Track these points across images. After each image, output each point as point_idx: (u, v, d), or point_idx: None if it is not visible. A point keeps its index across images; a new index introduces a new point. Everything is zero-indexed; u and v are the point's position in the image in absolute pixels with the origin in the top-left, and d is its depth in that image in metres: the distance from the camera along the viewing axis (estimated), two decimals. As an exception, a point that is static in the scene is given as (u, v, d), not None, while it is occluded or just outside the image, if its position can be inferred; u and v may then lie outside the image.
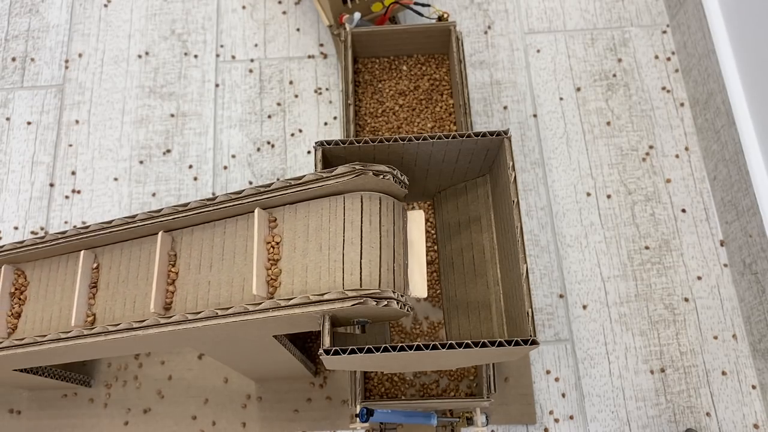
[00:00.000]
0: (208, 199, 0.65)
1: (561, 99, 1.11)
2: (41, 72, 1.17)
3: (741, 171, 0.95)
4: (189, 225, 0.68)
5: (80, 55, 1.18)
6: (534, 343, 0.58)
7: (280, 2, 1.21)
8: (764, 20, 0.90)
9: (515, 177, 0.67)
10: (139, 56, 1.17)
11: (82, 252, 0.70)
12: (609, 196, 1.04)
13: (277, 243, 0.64)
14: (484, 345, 0.57)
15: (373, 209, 0.62)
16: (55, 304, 0.72)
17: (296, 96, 1.13)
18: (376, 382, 0.81)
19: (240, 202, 0.64)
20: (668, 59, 1.13)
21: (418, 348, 0.56)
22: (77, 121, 1.13)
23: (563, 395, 0.94)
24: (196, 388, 0.95)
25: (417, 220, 0.66)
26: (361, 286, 0.59)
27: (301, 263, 0.62)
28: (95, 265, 0.71)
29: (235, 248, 0.65)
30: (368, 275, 0.60)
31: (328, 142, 0.68)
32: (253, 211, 0.65)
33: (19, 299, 0.75)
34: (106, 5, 1.22)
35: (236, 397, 0.94)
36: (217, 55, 1.17)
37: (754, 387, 0.93)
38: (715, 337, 0.96)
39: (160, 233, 0.67)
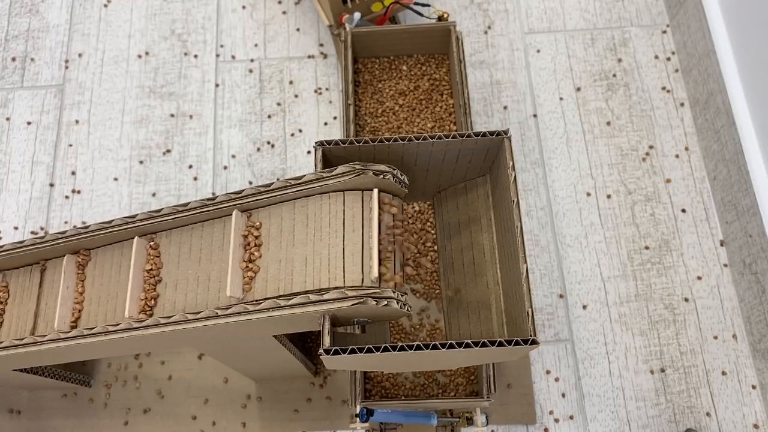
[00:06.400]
0: (208, 199, 0.65)
1: (561, 99, 1.11)
2: (41, 72, 1.17)
3: (741, 171, 0.95)
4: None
5: (80, 55, 1.18)
6: (534, 343, 0.58)
7: (280, 2, 1.21)
8: (764, 20, 0.90)
9: (515, 177, 0.67)
10: (139, 56, 1.17)
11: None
12: (609, 196, 1.04)
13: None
14: (484, 345, 0.57)
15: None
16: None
17: (296, 96, 1.13)
18: (376, 382, 0.81)
19: (240, 201, 0.64)
20: (668, 59, 1.13)
21: (418, 348, 0.56)
22: (77, 121, 1.13)
23: (563, 395, 0.94)
24: (196, 388, 0.95)
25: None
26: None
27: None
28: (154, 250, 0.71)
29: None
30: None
31: (328, 142, 0.68)
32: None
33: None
34: (106, 5, 1.22)
35: (236, 397, 0.94)
36: (217, 55, 1.17)
37: (754, 387, 0.93)
38: (715, 337, 0.96)
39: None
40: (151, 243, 0.69)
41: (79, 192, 1.08)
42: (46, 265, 0.76)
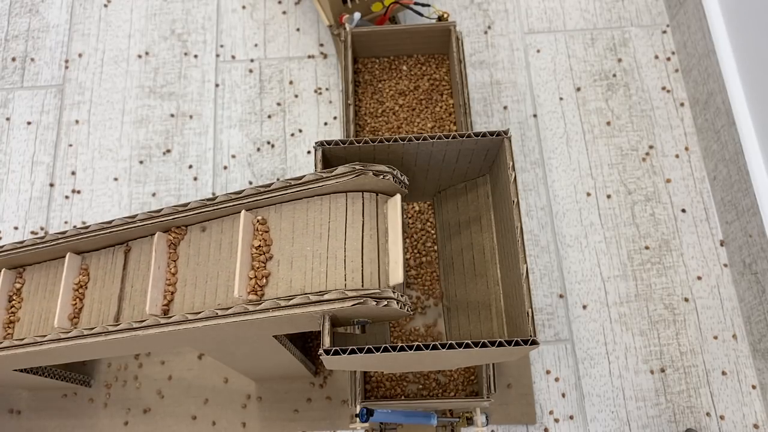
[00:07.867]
0: (208, 199, 0.65)
1: (561, 99, 1.11)
2: (41, 72, 1.17)
3: (741, 171, 0.95)
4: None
5: (80, 55, 1.18)
6: (534, 343, 0.58)
7: (280, 2, 1.21)
8: (764, 20, 0.90)
9: (515, 177, 0.67)
10: (139, 56, 1.17)
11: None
12: (609, 196, 1.04)
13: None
14: (484, 345, 0.57)
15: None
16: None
17: (296, 96, 1.13)
18: (376, 382, 0.81)
19: (240, 201, 0.64)
20: (668, 59, 1.13)
21: (418, 348, 0.56)
22: (77, 121, 1.13)
23: (563, 395, 0.94)
24: (196, 388, 0.95)
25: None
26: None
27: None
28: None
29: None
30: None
31: (328, 142, 0.68)
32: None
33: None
34: (106, 5, 1.22)
35: (236, 397, 0.94)
36: (217, 55, 1.17)
37: (754, 387, 0.93)
38: (715, 337, 0.96)
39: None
40: (258, 218, 0.65)
41: (79, 192, 1.08)
42: (131, 245, 0.70)
